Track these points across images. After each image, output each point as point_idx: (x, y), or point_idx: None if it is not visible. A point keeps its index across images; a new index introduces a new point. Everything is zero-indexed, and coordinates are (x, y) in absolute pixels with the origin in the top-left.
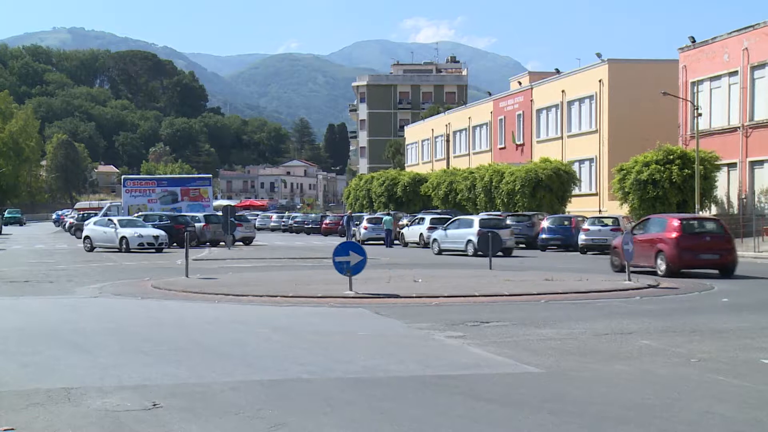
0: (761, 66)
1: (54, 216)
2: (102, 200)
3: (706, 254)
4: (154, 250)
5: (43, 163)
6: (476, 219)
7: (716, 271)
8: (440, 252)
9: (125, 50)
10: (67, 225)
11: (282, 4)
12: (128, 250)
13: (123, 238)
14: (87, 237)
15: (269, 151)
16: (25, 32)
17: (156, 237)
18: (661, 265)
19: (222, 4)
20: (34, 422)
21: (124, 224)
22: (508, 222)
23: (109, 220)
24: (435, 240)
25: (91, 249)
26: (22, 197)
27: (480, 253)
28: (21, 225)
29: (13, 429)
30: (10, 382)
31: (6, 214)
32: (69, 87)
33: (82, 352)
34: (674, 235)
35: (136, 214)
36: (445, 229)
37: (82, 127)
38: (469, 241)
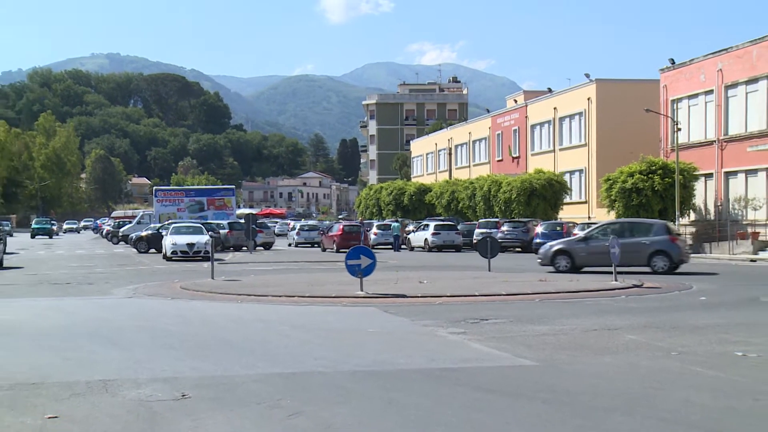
0: (734, 85)
1: (91, 224)
2: (136, 209)
3: None
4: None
5: (83, 176)
6: (432, 223)
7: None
8: (412, 249)
9: (157, 73)
10: (104, 232)
11: (299, 29)
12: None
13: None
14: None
15: (287, 164)
16: (67, 58)
17: (191, 245)
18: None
19: (244, 30)
20: (75, 411)
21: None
22: (505, 228)
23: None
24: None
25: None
26: (64, 207)
27: (434, 249)
28: (50, 237)
29: (57, 417)
30: (54, 374)
31: (34, 225)
32: (106, 107)
33: (118, 347)
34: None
35: (167, 222)
36: (414, 231)
37: (118, 143)
38: (426, 239)
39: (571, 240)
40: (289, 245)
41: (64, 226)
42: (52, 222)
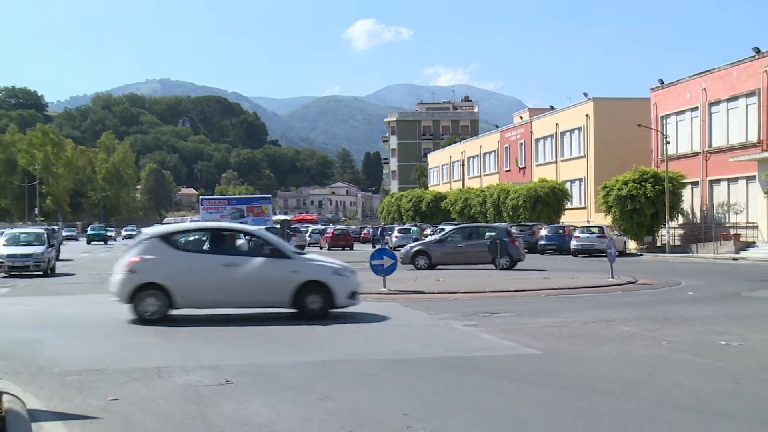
0: (716, 103)
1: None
2: (184, 216)
3: None
4: None
5: (138, 187)
6: (448, 228)
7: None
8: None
9: (202, 96)
10: None
11: (327, 55)
12: None
13: None
14: None
15: (318, 175)
16: (125, 83)
17: None
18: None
19: (279, 56)
20: (133, 394)
21: None
22: (515, 231)
23: None
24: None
25: None
26: (122, 215)
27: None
28: (105, 243)
29: (117, 399)
30: (114, 362)
31: (90, 231)
32: (158, 126)
33: (169, 338)
34: None
35: None
36: (431, 235)
37: (169, 158)
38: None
39: (429, 242)
40: (321, 248)
41: (123, 232)
42: (108, 228)
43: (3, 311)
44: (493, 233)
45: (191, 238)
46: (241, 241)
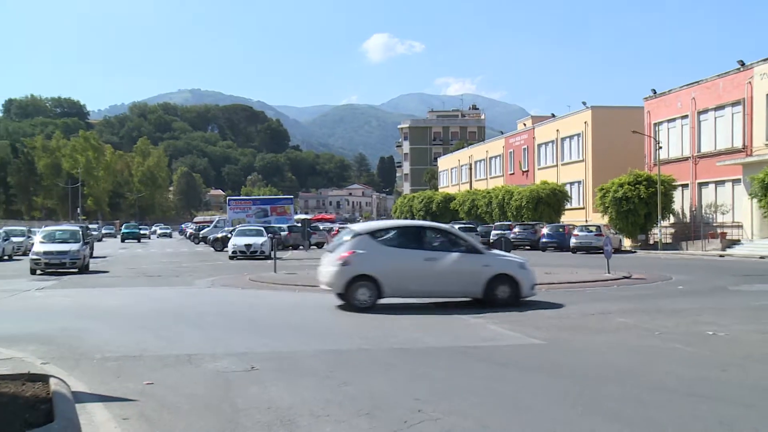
0: (705, 111)
1: (154, 229)
2: (213, 215)
3: None
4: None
5: (171, 188)
6: (456, 226)
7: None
8: None
9: (230, 104)
10: (188, 234)
11: (345, 67)
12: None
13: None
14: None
15: (336, 177)
16: (159, 93)
17: (249, 245)
18: None
19: (301, 68)
20: (167, 378)
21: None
22: (517, 229)
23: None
24: None
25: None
26: (156, 214)
27: None
28: (138, 241)
29: (152, 383)
30: (150, 349)
31: (123, 230)
32: (189, 132)
33: (200, 328)
34: None
35: (240, 226)
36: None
37: (198, 162)
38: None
39: None
40: (326, 243)
41: (158, 231)
42: (141, 227)
43: (50, 302)
44: (445, 234)
45: (396, 235)
46: (438, 238)
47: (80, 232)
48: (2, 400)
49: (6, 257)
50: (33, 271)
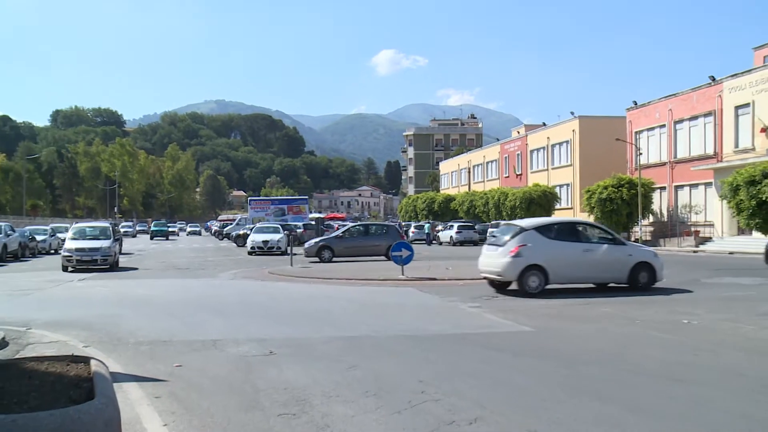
0: (680, 121)
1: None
2: (235, 214)
3: None
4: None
5: (197, 189)
6: (456, 224)
7: None
8: (440, 243)
9: (251, 113)
10: (213, 231)
11: (355, 79)
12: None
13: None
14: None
15: (346, 180)
16: (188, 104)
17: (266, 242)
18: None
19: (315, 80)
20: (194, 361)
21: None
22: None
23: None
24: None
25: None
26: (184, 213)
27: (457, 244)
28: (167, 238)
29: (181, 365)
30: (178, 335)
31: (152, 227)
32: (214, 139)
33: (223, 316)
34: None
35: (259, 224)
36: (442, 230)
37: (223, 166)
38: (451, 236)
39: (330, 237)
40: None
41: (188, 229)
42: (169, 225)
43: (90, 292)
44: (384, 231)
45: (557, 230)
46: (591, 232)
47: (110, 229)
48: (50, 379)
49: (53, 251)
50: (65, 268)
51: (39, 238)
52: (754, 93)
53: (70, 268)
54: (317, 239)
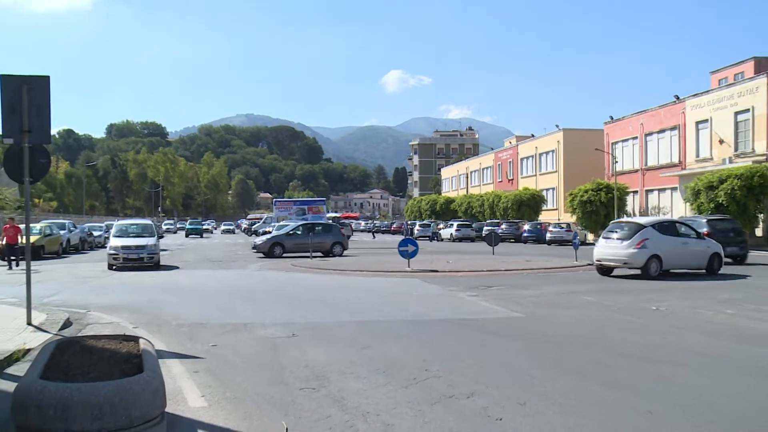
0: (650, 134)
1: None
2: (262, 213)
3: None
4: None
5: (229, 192)
6: (455, 223)
7: None
8: (442, 240)
9: (276, 125)
10: (243, 228)
11: (368, 95)
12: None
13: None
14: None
15: (359, 184)
16: (221, 117)
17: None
18: None
19: (332, 96)
20: (227, 341)
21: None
22: (504, 226)
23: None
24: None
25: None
26: (218, 212)
27: (456, 240)
28: (201, 236)
29: (216, 345)
30: (213, 318)
31: (188, 226)
32: (244, 148)
33: (252, 302)
34: None
35: (280, 222)
36: (443, 228)
37: (251, 171)
38: (451, 233)
39: (281, 235)
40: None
41: (222, 226)
42: (204, 223)
43: (138, 280)
44: (328, 230)
45: (665, 226)
46: (684, 228)
47: (152, 226)
48: (106, 354)
49: (107, 245)
50: (110, 267)
51: (96, 233)
52: (712, 111)
53: (115, 267)
54: (269, 236)
